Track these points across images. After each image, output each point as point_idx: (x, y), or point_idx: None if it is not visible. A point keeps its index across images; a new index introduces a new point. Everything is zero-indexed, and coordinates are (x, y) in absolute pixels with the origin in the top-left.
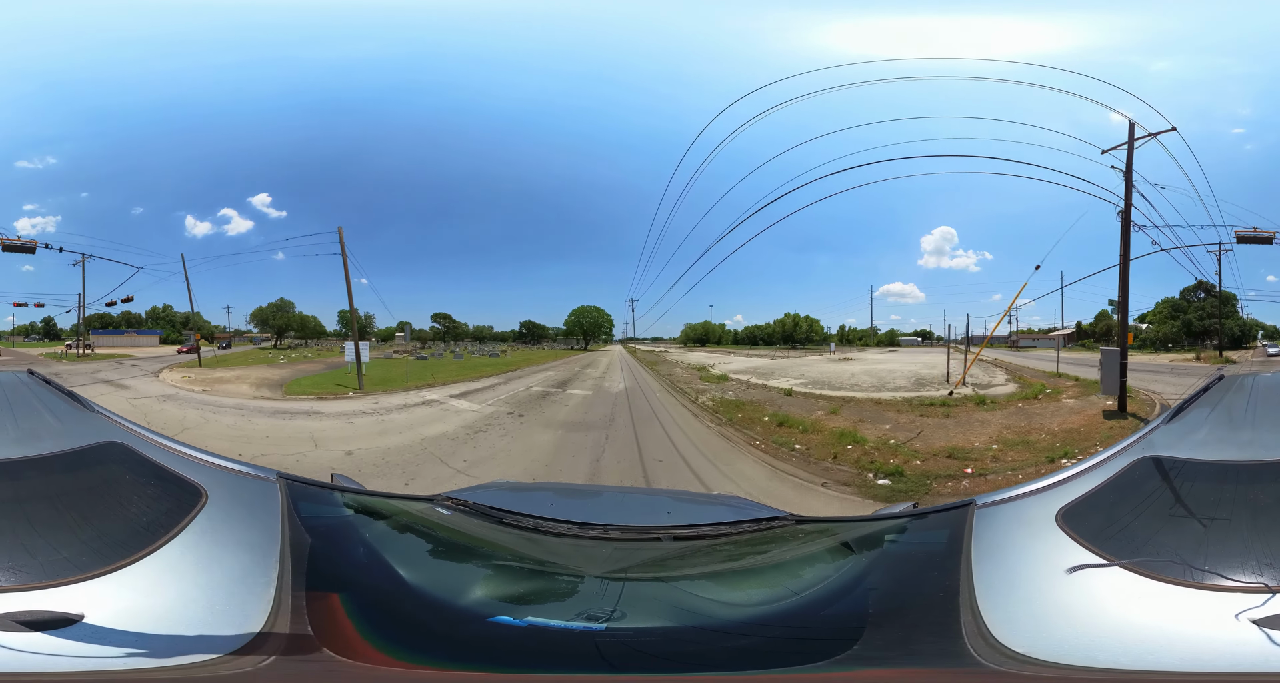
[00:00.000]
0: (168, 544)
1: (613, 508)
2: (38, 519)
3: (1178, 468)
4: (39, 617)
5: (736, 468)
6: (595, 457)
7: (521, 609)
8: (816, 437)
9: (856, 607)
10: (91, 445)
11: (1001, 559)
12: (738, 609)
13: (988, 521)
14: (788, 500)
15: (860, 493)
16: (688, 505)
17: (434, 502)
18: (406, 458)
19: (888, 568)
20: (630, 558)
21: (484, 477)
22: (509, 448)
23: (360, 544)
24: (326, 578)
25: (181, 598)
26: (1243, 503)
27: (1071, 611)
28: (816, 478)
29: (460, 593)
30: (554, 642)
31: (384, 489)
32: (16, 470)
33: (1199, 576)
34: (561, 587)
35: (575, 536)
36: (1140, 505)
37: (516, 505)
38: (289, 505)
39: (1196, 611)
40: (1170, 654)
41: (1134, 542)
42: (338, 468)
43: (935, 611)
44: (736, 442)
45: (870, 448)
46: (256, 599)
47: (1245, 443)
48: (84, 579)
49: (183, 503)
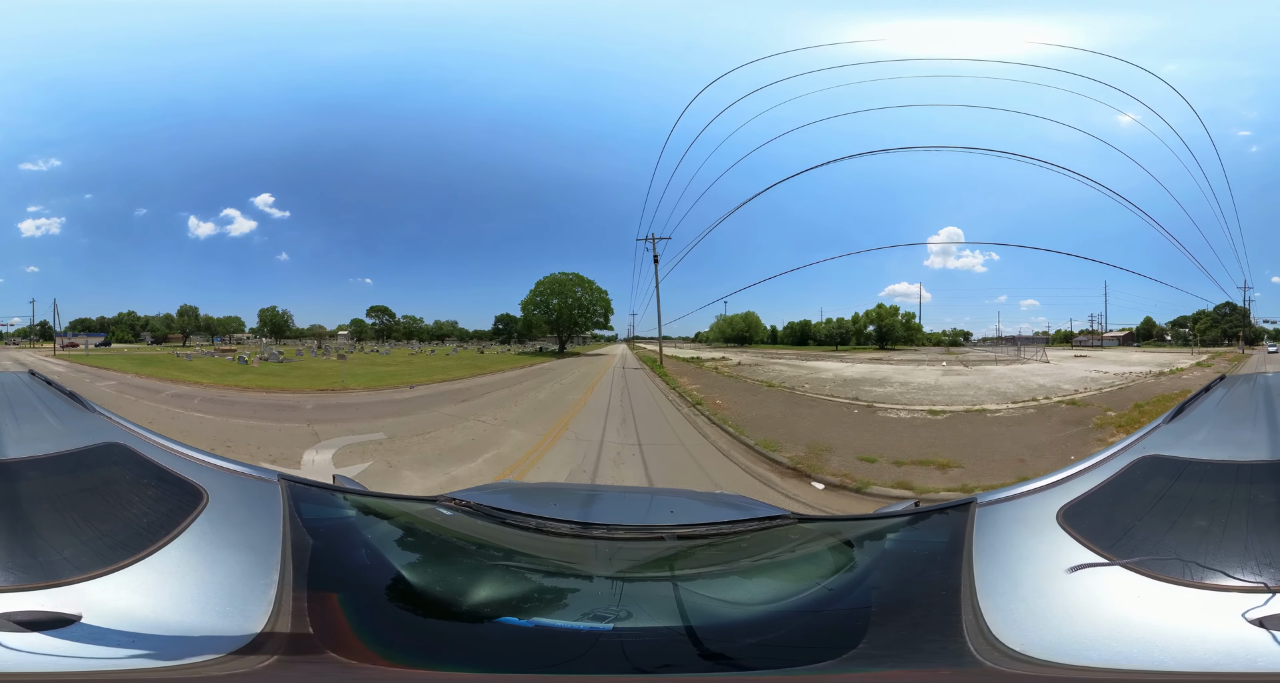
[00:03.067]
0: (168, 545)
1: (615, 508)
2: (38, 520)
3: (1178, 468)
4: (37, 617)
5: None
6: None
7: (527, 610)
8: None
9: (860, 605)
10: (92, 446)
11: (1002, 558)
12: (743, 608)
13: (989, 519)
14: None
15: None
16: (690, 504)
17: (436, 503)
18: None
19: (890, 567)
20: (634, 558)
21: None
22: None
23: (362, 546)
24: (328, 579)
25: (181, 599)
26: (1243, 503)
27: (1072, 610)
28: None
29: (465, 594)
30: (562, 643)
31: (386, 491)
32: (17, 471)
33: (1199, 575)
34: (567, 587)
35: (579, 536)
36: (1141, 505)
37: (519, 506)
38: (290, 507)
39: (1197, 610)
40: (1170, 654)
41: (1134, 541)
42: None
43: (937, 609)
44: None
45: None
46: (257, 601)
47: (1246, 443)
48: (84, 580)
49: (183, 504)
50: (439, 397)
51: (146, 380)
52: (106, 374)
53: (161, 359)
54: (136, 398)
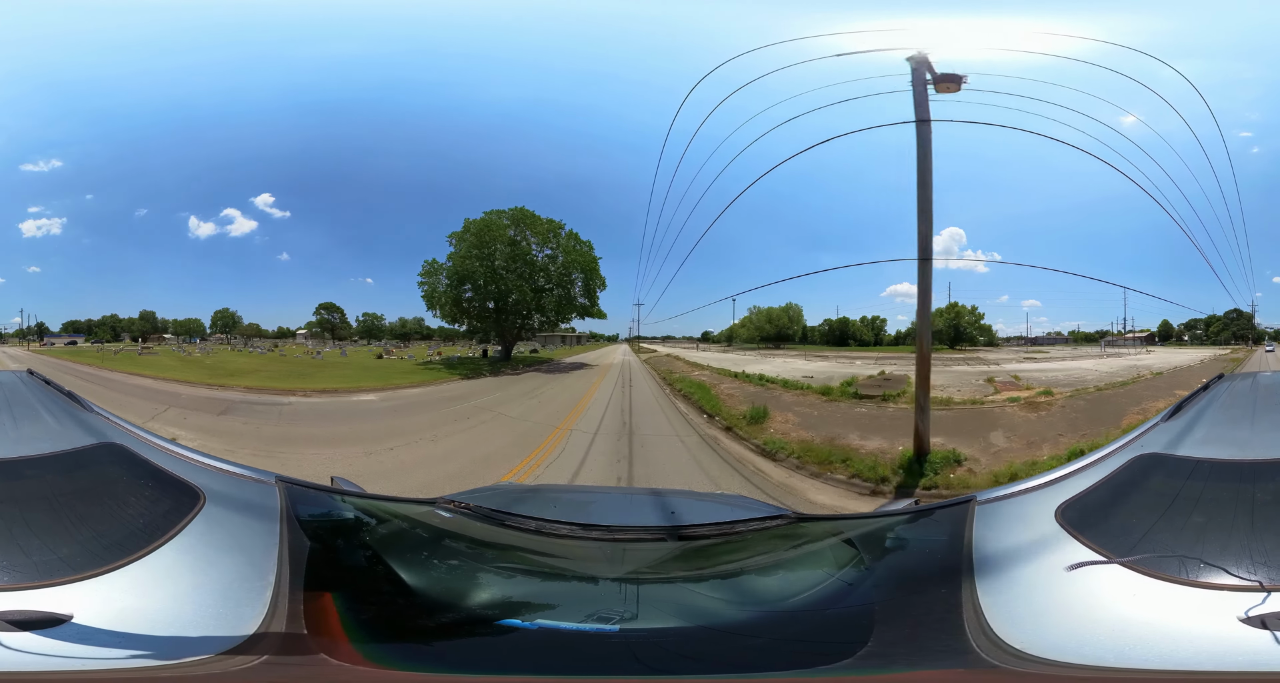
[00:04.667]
0: (164, 546)
1: (616, 509)
2: (34, 519)
3: (1176, 466)
4: (26, 616)
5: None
6: None
7: (531, 612)
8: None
9: (864, 604)
10: (89, 446)
11: (1002, 556)
12: (747, 608)
13: (988, 517)
14: None
15: None
16: (690, 505)
17: (435, 505)
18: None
19: (891, 565)
20: (636, 559)
21: None
22: None
23: (361, 548)
24: (324, 581)
25: (175, 600)
26: (1241, 502)
27: (1070, 608)
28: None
29: (466, 597)
30: (569, 645)
31: (385, 493)
32: (14, 470)
33: (1197, 574)
34: (569, 589)
35: (579, 537)
36: (1139, 503)
37: (519, 508)
38: (287, 508)
39: (1194, 609)
40: (1168, 653)
41: (1132, 539)
42: None
43: (938, 607)
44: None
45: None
46: (252, 602)
47: (1244, 442)
48: (78, 580)
49: (180, 505)
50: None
51: (61, 361)
52: (46, 359)
53: (89, 353)
54: (36, 365)
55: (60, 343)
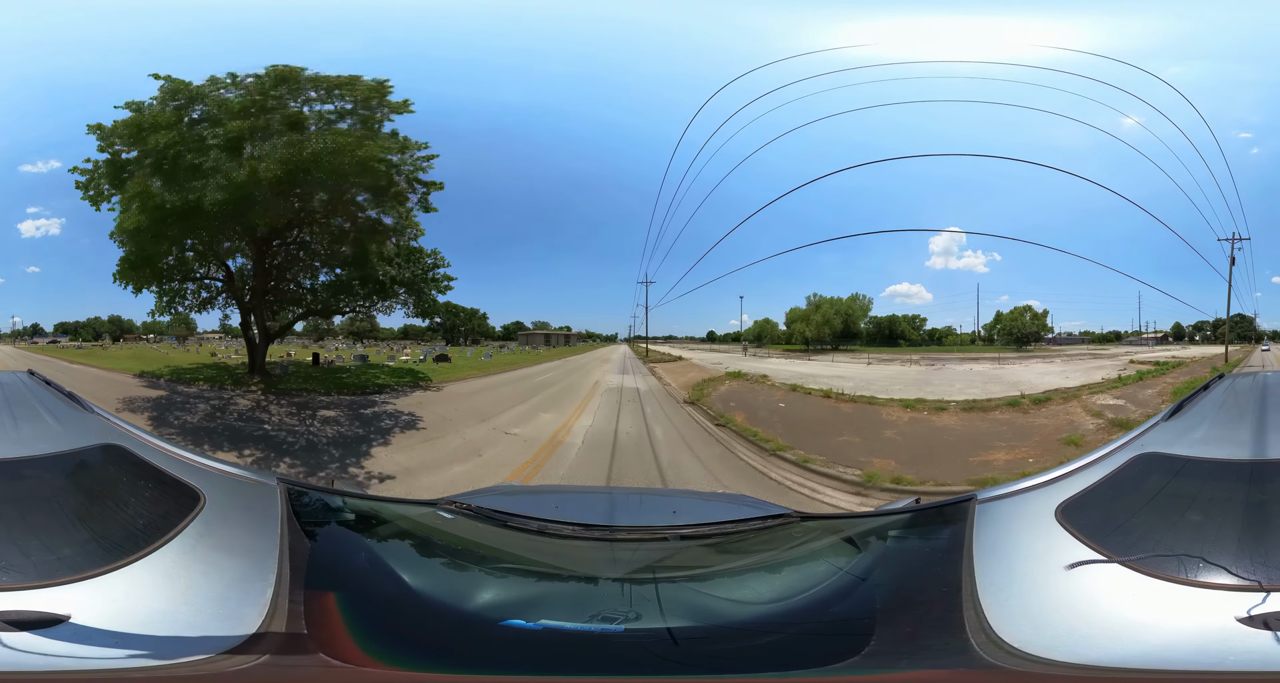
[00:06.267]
0: (163, 547)
1: (617, 509)
2: (33, 520)
3: (1176, 465)
4: (24, 616)
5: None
6: None
7: (534, 613)
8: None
9: (866, 603)
10: (89, 447)
11: (1002, 555)
12: (749, 608)
13: (989, 516)
14: None
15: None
16: (692, 504)
17: (436, 506)
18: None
19: (892, 564)
20: (638, 559)
21: None
22: None
23: (361, 549)
24: (325, 581)
25: (175, 600)
26: (1240, 502)
27: (1070, 607)
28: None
29: (469, 598)
30: (572, 645)
31: (386, 494)
32: (14, 471)
33: (1196, 573)
34: (572, 589)
35: (581, 537)
36: (1139, 502)
37: (520, 509)
38: (288, 510)
39: (1193, 609)
40: (1168, 652)
41: (1132, 538)
42: None
43: (939, 606)
44: None
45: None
46: (252, 603)
47: (1244, 442)
48: (77, 581)
49: (180, 506)
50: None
51: (31, 353)
52: (25, 353)
53: (68, 349)
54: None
55: (44, 341)
